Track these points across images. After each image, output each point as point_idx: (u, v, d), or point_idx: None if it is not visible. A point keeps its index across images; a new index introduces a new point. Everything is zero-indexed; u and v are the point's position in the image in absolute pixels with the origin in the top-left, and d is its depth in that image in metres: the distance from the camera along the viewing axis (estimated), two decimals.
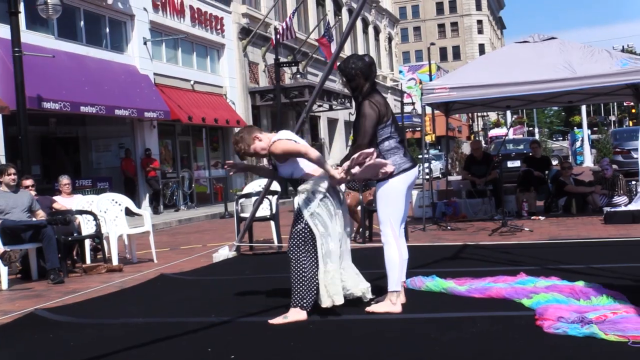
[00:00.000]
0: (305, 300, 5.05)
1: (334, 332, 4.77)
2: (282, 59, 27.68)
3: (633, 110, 47.48)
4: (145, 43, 21.15)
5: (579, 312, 4.54)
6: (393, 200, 5.13)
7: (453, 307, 5.23)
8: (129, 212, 10.28)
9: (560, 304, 4.85)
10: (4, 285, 7.96)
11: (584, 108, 43.26)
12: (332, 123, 36.89)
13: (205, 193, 25.11)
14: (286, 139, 5.14)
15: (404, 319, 4.97)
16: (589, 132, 42.24)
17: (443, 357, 4.01)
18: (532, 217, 12.10)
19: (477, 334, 4.44)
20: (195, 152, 24.86)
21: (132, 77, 20.26)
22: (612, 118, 77.07)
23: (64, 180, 10.42)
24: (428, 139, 45.67)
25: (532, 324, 4.51)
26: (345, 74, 5.28)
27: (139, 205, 18.89)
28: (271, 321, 5.01)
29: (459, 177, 16.80)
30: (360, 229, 10.33)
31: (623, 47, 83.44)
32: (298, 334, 4.73)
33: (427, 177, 14.46)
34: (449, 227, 11.30)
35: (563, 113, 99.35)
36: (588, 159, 37.57)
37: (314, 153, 5.04)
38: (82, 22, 19.12)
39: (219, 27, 25.59)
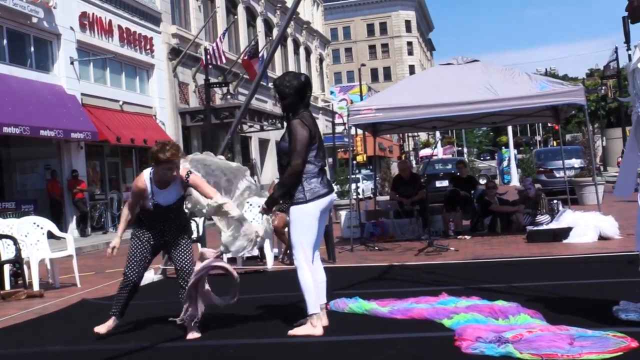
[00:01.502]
0: None
1: (253, 356, 4.74)
2: (212, 80, 27.59)
3: (556, 128, 49.03)
4: (72, 63, 20.78)
5: (497, 332, 4.62)
6: (306, 225, 5.14)
7: (375, 329, 5.25)
8: (53, 235, 10.02)
9: (479, 324, 4.93)
10: None
11: (509, 128, 44.35)
12: (263, 143, 36.88)
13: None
14: (142, 181, 5.54)
15: (325, 341, 4.97)
16: (516, 151, 43.31)
17: None
18: (459, 237, 12.28)
19: (397, 356, 4.47)
20: (125, 173, 24.45)
21: (59, 97, 19.86)
22: (538, 138, 79.20)
23: None
24: (359, 159, 46.09)
25: (451, 344, 4.57)
26: (279, 90, 5.23)
27: (65, 228, 18.45)
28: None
29: (387, 197, 16.98)
30: (288, 251, 10.31)
31: (546, 69, 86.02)
32: (214, 357, 4.67)
33: (355, 197, 14.54)
34: (376, 248, 11.37)
35: (491, 133, 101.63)
36: (515, 178, 38.47)
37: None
38: (4, 41, 18.67)
39: (148, 47, 25.35)
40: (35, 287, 8.93)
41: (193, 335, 5.35)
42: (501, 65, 12.93)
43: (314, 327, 5.09)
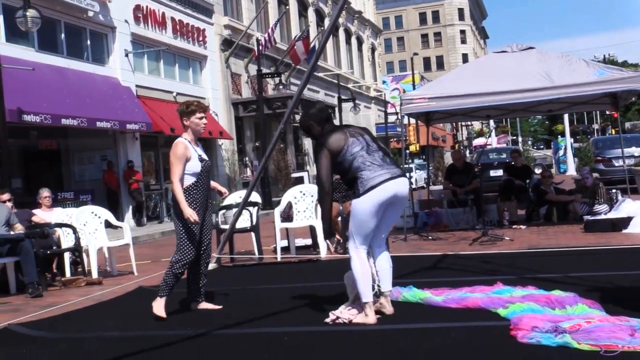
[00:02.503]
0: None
1: (305, 343, 4.76)
2: (264, 70, 27.71)
3: (615, 116, 47.92)
4: (126, 55, 21.10)
5: (553, 322, 4.54)
6: (358, 218, 5.18)
7: (429, 318, 5.22)
8: (110, 225, 10.22)
9: (535, 314, 4.86)
10: None
11: (566, 117, 43.53)
12: None
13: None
14: (183, 145, 5.91)
15: (377, 329, 4.97)
16: (572, 140, 42.49)
17: None
18: (514, 226, 12.11)
19: (452, 345, 4.44)
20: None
21: (114, 89, 20.21)
22: (595, 126, 77.55)
23: (44, 193, 10.37)
24: (412, 148, 45.84)
25: (506, 334, 4.51)
26: (303, 128, 5.54)
27: (121, 218, 18.81)
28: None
29: (441, 187, 16.83)
30: (341, 240, 10.31)
31: (604, 56, 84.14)
32: (271, 347, 4.71)
33: (409, 187, 14.48)
34: (430, 237, 11.30)
35: (547, 122, 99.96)
36: (571, 168, 37.77)
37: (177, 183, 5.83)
38: (62, 35, 19.06)
39: (200, 38, 25.60)
40: (94, 274, 9.14)
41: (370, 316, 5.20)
42: (557, 52, 12.69)
43: (367, 315, 5.10)
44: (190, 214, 5.67)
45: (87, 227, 9.64)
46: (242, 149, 28.58)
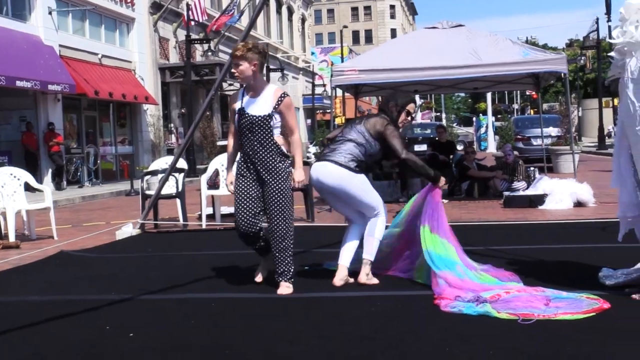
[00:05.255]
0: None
1: (233, 308, 4.78)
2: (193, 36, 27.26)
3: (535, 97, 49.35)
4: (50, 13, 20.39)
5: (475, 292, 4.72)
6: None
7: (354, 287, 5.31)
8: (29, 188, 9.94)
9: (455, 277, 4.99)
10: None
11: (489, 95, 44.52)
12: None
13: (111, 170, 24.56)
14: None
15: (306, 297, 5.03)
16: (494, 119, 43.46)
17: (342, 334, 4.07)
18: None
19: (376, 313, 4.54)
20: (102, 127, 24.23)
21: (36, 47, 19.53)
22: (515, 106, 79.52)
23: None
24: (338, 121, 46.02)
25: (430, 302, 4.64)
26: (389, 105, 5.73)
27: (40, 181, 18.30)
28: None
29: None
30: None
31: (527, 38, 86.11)
32: (198, 312, 4.72)
33: None
34: None
35: (470, 99, 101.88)
36: (492, 145, 38.68)
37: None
38: None
39: (129, 0, 24.94)
40: (12, 238, 8.88)
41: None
42: (485, 31, 12.92)
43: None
44: (229, 179, 5.38)
45: (5, 189, 9.35)
46: (167, 115, 28.15)
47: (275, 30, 43.36)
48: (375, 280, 5.38)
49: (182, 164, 9.91)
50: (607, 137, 33.67)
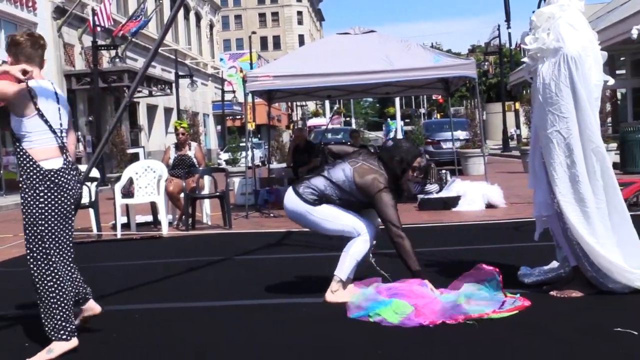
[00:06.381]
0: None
1: (169, 321, 4.70)
2: (100, 42, 26.62)
3: (441, 101, 50.54)
4: None
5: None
6: None
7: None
8: None
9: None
10: None
11: (397, 100, 45.33)
12: (151, 109, 36.06)
13: (15, 180, 23.64)
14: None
15: (237, 305, 5.00)
16: (402, 123, 44.31)
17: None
18: None
19: (302, 318, 4.55)
20: (5, 137, 23.32)
21: None
22: (422, 110, 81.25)
23: None
24: (249, 127, 45.90)
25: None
26: (398, 162, 5.28)
27: None
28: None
29: (281, 165, 17.01)
30: (184, 217, 10.20)
31: (432, 43, 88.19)
32: (120, 324, 4.61)
33: (250, 165, 14.53)
34: (271, 215, 11.41)
35: (377, 104, 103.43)
36: None
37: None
38: None
39: (30, 4, 24.15)
40: None
41: None
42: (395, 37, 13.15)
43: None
44: None
45: None
46: (74, 123, 27.36)
47: (184, 37, 42.89)
48: (344, 299, 4.86)
49: (94, 173, 9.64)
50: (510, 140, 34.78)
